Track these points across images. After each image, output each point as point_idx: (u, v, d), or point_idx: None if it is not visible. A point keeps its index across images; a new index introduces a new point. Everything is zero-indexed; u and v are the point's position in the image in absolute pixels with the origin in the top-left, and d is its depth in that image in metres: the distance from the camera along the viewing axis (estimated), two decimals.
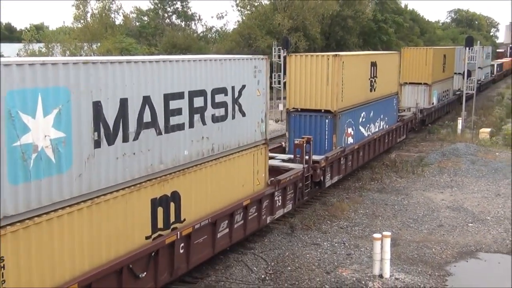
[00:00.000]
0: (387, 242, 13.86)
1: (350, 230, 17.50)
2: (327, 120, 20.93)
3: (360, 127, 23.58)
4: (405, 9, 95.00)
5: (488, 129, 33.42)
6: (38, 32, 61.22)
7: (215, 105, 13.14)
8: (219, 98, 13.27)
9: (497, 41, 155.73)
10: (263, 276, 14.04)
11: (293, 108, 21.51)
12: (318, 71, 20.87)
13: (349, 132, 22.31)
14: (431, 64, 36.23)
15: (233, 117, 13.96)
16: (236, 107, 14.06)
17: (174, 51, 53.09)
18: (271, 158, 18.48)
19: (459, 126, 35.21)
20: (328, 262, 14.78)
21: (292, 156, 18.87)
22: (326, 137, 21.13)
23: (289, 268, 14.45)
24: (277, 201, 16.60)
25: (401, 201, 20.56)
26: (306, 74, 21.08)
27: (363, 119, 23.81)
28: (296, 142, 18.34)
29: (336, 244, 16.15)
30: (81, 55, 52.66)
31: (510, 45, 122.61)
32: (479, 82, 52.48)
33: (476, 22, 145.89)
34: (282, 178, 16.48)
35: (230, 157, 13.99)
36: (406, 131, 31.17)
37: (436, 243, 16.49)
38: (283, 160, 19.36)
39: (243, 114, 14.40)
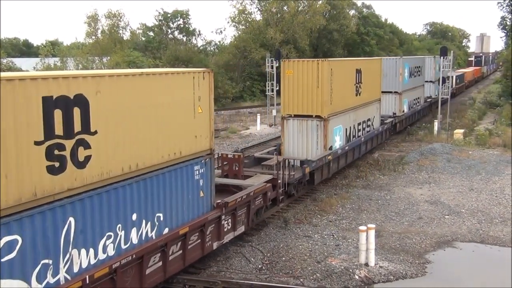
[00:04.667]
0: (372, 233, 13.85)
1: (338, 223, 17.48)
2: None
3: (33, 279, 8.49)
4: (386, 22, 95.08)
5: (462, 130, 33.42)
6: (53, 48, 61.29)
7: None
8: None
9: (469, 51, 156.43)
10: (260, 266, 14.02)
11: None
12: None
13: None
14: (328, 85, 20.19)
15: None
16: None
17: (177, 64, 53.04)
18: None
19: (435, 128, 35.20)
20: (318, 253, 14.76)
21: None
22: None
23: (284, 258, 14.43)
24: None
25: (384, 197, 20.54)
26: None
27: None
28: None
29: (325, 236, 16.13)
30: (92, 68, 52.60)
31: (475, 55, 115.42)
32: (429, 99, 43.59)
33: (450, 34, 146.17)
34: None
35: None
36: (248, 219, 15.18)
37: (416, 234, 16.48)
38: None
39: None
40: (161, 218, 11.49)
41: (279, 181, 17.24)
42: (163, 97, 11.35)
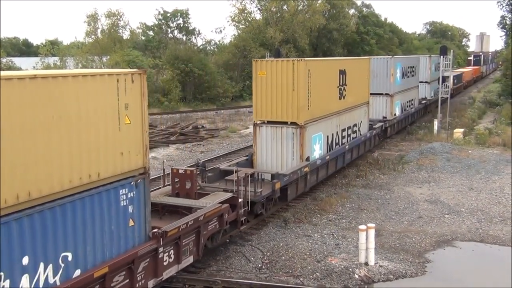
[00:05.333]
0: (372, 233, 13.86)
1: (338, 223, 17.48)
2: None
3: None
4: (385, 22, 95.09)
5: (461, 129, 33.41)
6: (53, 47, 61.22)
7: None
8: None
9: (469, 50, 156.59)
10: (259, 265, 14.02)
11: None
12: None
13: None
14: (305, 88, 18.16)
15: None
16: None
17: (176, 63, 53.02)
18: None
19: (435, 127, 35.19)
20: (318, 252, 14.76)
21: None
22: None
23: (283, 257, 14.43)
24: None
25: (383, 196, 20.54)
26: None
27: None
28: None
29: (325, 236, 16.13)
30: (92, 67, 52.58)
31: (474, 54, 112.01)
32: (424, 101, 41.47)
33: (449, 33, 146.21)
34: None
35: None
36: (198, 248, 13.03)
37: (416, 233, 16.48)
38: None
39: None
40: (70, 258, 8.99)
41: (240, 199, 14.71)
42: (71, 106, 8.83)
